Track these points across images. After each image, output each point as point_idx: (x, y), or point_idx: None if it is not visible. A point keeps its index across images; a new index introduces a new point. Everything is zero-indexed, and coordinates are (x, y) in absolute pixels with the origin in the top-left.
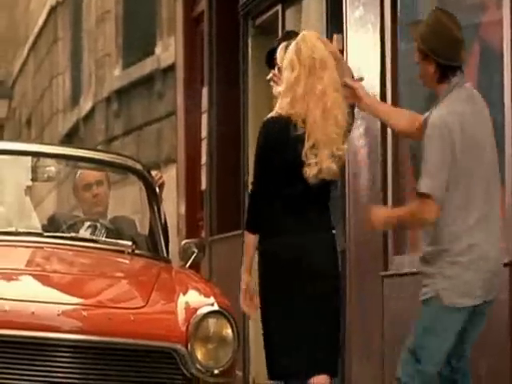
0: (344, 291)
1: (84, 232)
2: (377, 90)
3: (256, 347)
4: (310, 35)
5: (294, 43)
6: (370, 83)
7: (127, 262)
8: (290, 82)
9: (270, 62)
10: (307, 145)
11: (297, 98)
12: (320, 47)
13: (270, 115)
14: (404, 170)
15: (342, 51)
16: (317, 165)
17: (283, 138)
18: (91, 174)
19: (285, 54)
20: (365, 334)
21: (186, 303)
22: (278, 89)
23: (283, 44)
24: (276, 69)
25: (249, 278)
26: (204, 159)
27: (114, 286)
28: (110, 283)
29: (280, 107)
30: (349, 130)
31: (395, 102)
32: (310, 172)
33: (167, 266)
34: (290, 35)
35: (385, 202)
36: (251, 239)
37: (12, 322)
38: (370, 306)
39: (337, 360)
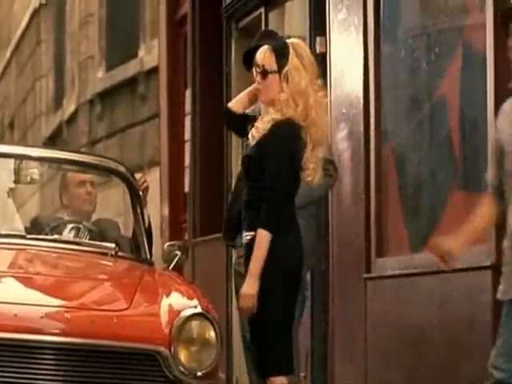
0: (327, 293)
1: (67, 234)
2: (360, 93)
3: (239, 349)
4: (302, 43)
5: (291, 50)
6: (353, 86)
7: (110, 264)
8: (300, 90)
9: (249, 61)
10: (309, 150)
11: (309, 106)
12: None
13: (279, 118)
14: (387, 173)
15: (325, 54)
16: (314, 169)
17: (302, 143)
18: (84, 174)
19: (274, 58)
20: (348, 336)
21: (169, 305)
22: (282, 96)
23: (269, 47)
24: (258, 70)
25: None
26: (187, 161)
27: (97, 289)
28: (93, 285)
29: (291, 113)
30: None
31: (378, 105)
32: (311, 176)
33: (150, 268)
34: (270, 35)
35: (367, 205)
36: (268, 240)
37: None
38: (352, 308)
39: None
